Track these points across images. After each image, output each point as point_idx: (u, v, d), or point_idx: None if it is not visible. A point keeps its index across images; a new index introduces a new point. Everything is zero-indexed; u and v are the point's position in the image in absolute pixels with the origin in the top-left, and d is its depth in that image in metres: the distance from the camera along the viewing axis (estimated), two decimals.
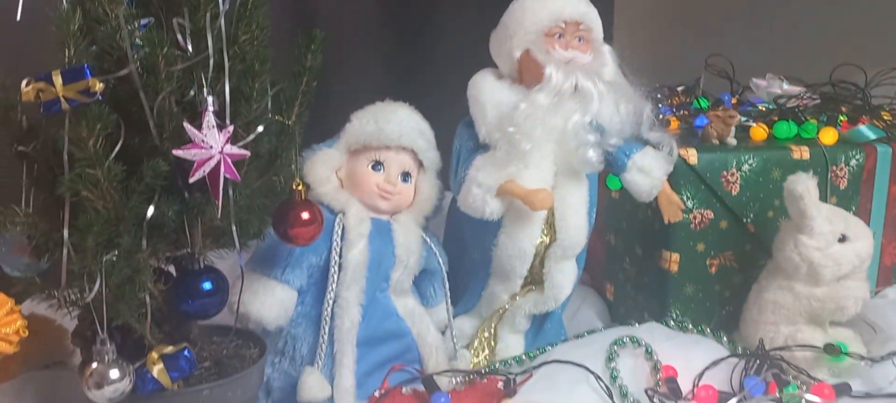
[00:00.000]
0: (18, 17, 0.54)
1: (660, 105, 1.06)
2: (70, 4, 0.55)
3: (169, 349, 0.63)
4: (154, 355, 0.62)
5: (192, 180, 0.59)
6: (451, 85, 0.88)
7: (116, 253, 0.57)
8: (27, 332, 0.59)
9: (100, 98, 0.55)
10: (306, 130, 0.73)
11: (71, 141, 0.56)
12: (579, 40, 0.83)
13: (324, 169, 0.82)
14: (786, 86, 1.05)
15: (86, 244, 0.55)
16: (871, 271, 0.95)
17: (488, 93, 0.83)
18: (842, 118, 0.99)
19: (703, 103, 1.07)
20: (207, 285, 0.65)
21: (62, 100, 0.54)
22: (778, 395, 0.71)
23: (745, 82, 1.16)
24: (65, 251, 0.57)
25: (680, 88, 1.15)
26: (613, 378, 0.76)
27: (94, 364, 0.57)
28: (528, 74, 0.83)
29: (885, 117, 0.99)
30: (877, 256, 0.95)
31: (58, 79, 0.53)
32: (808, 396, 0.70)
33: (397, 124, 0.83)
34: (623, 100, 0.84)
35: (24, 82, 0.54)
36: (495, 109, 0.82)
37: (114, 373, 0.57)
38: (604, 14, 0.87)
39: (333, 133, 0.85)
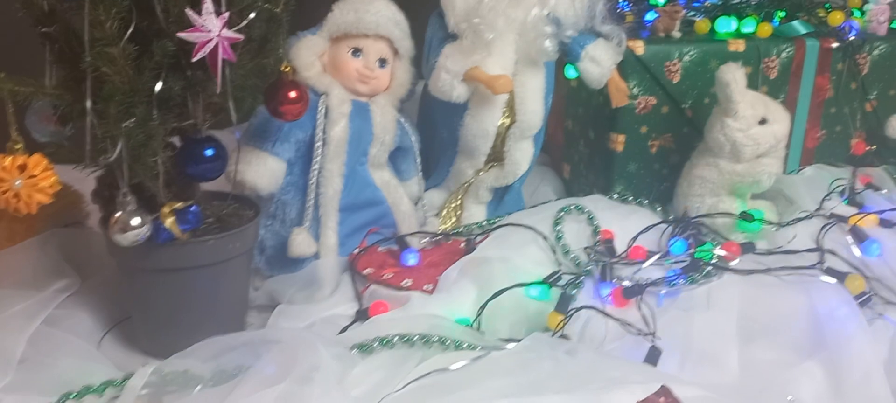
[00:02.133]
0: None
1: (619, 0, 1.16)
2: None
3: (179, 205, 0.74)
4: (166, 209, 0.73)
5: (194, 59, 0.68)
6: None
7: (134, 120, 0.67)
8: (60, 185, 0.69)
9: None
10: (292, 18, 0.82)
11: (91, 23, 0.65)
12: None
13: (308, 54, 0.91)
14: None
15: (108, 112, 0.65)
16: (795, 152, 1.08)
17: None
18: (780, 14, 1.08)
19: None
20: (209, 151, 0.74)
21: None
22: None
23: None
24: (89, 119, 0.67)
25: None
26: (558, 238, 0.89)
27: (119, 213, 0.68)
28: None
29: (820, 14, 1.08)
30: (800, 139, 1.07)
31: None
32: (718, 251, 0.83)
33: (375, 14, 0.91)
34: None
35: None
36: (463, 2, 0.91)
37: (135, 221, 0.69)
38: None
39: (317, 22, 0.94)
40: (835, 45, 1.03)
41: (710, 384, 0.67)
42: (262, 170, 0.87)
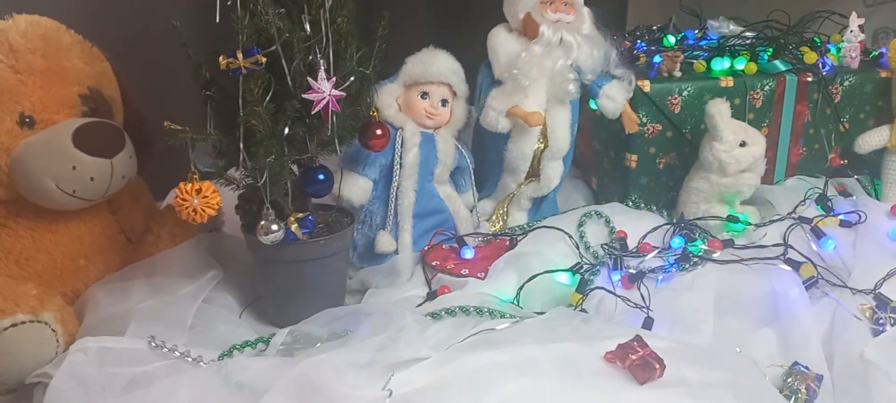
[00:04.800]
0: (218, 19, 0.90)
1: (638, 42, 1.40)
2: (242, 8, 0.91)
3: (300, 215, 1.01)
4: (292, 218, 1.00)
5: (313, 112, 0.95)
6: (477, 36, 1.20)
7: (273, 157, 0.96)
8: (221, 203, 0.98)
9: (261, 65, 0.92)
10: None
11: (243, 91, 0.92)
12: (565, 4, 1.16)
13: (388, 98, 1.15)
14: (732, 27, 1.37)
15: (259, 153, 0.93)
16: (781, 166, 1.30)
17: (501, 44, 1.16)
18: (769, 51, 1.31)
19: (669, 41, 1.40)
20: (321, 176, 0.98)
21: (242, 68, 0.90)
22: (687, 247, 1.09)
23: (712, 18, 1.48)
24: (241, 156, 0.96)
25: (655, 27, 1.48)
26: (581, 237, 1.14)
27: (263, 222, 0.96)
28: (528, 29, 1.16)
29: (803, 50, 1.31)
30: (785, 155, 1.29)
31: (240, 56, 0.89)
32: (704, 246, 1.07)
33: (438, 66, 1.14)
34: (596, 47, 1.17)
35: (220, 58, 0.90)
36: (506, 56, 1.15)
37: (274, 227, 0.96)
38: None
39: (395, 72, 1.19)
40: (810, 78, 1.25)
41: (687, 341, 0.92)
42: (355, 188, 1.12)
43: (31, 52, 1.03)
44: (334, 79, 0.95)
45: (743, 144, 1.14)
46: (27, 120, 1.02)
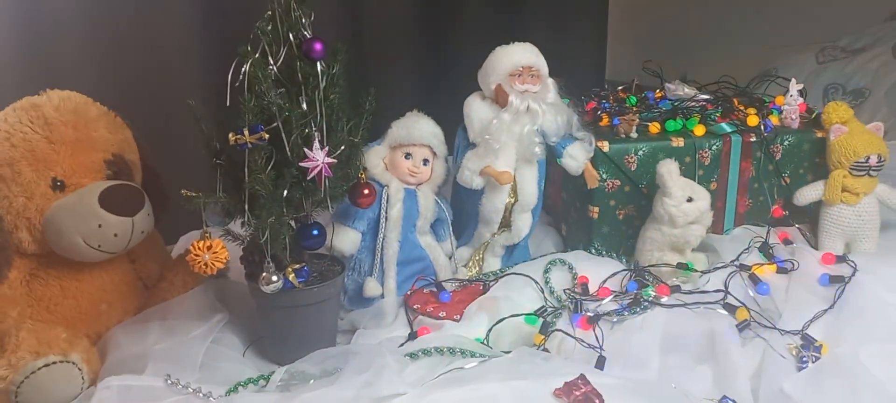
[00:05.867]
0: (227, 103, 1.05)
1: (602, 102, 1.55)
2: (249, 92, 1.06)
3: (297, 265, 1.16)
4: (290, 269, 1.14)
5: (309, 178, 1.10)
6: (455, 102, 1.35)
7: (274, 217, 1.10)
8: (229, 258, 1.12)
9: (265, 140, 1.06)
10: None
11: (249, 162, 1.07)
12: (532, 76, 1.32)
13: (375, 158, 1.30)
14: (686, 89, 1.52)
15: (263, 214, 1.07)
16: (730, 215, 1.44)
17: (475, 111, 1.32)
18: (717, 114, 1.46)
19: (632, 100, 1.55)
20: (315, 232, 1.12)
21: (249, 143, 1.05)
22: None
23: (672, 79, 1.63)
24: (246, 216, 1.10)
25: (620, 87, 1.63)
26: (547, 282, 1.28)
27: (264, 273, 1.11)
28: (499, 98, 1.30)
29: (750, 111, 1.45)
30: (733, 206, 1.43)
31: (246, 133, 1.04)
32: (653, 292, 1.21)
33: (420, 130, 1.29)
34: (560, 114, 1.32)
35: (230, 134, 1.05)
36: (479, 122, 1.31)
37: (274, 278, 1.10)
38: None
39: (382, 133, 1.35)
40: (753, 139, 1.40)
41: (631, 378, 1.05)
42: (346, 240, 1.27)
43: (63, 124, 1.18)
44: (327, 148, 1.09)
45: (690, 200, 1.28)
46: (58, 184, 1.17)
